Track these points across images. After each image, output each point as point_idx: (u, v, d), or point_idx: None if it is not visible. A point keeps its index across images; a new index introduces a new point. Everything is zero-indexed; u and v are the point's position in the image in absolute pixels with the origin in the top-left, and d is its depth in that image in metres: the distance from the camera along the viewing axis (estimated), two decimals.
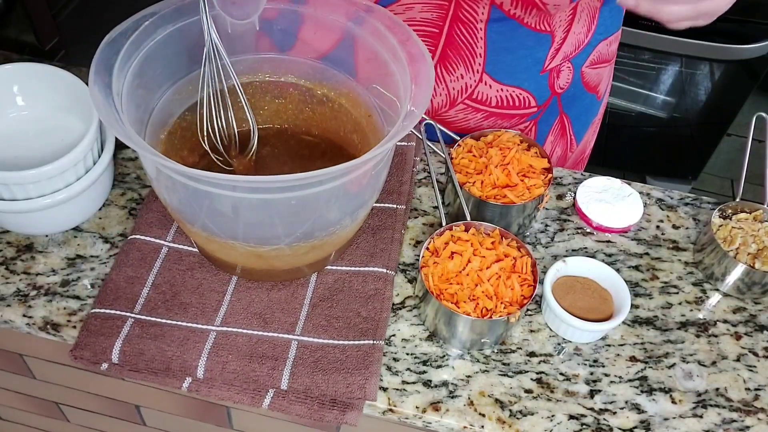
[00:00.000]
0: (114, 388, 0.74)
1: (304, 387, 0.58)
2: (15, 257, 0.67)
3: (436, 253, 0.63)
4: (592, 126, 0.91)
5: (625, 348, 0.64)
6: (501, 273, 0.61)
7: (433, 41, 0.73)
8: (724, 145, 1.83)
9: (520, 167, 0.70)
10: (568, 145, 0.88)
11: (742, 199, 0.71)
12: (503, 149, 0.71)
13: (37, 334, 0.63)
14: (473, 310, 0.59)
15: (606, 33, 0.79)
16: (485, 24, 0.71)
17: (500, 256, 0.63)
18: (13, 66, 0.69)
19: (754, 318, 0.67)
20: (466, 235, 0.64)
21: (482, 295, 0.60)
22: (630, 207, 0.73)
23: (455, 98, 0.78)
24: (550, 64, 0.76)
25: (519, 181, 0.68)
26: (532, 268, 0.62)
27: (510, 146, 0.71)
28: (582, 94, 0.84)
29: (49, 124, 0.71)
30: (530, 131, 0.83)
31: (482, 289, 0.60)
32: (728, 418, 0.60)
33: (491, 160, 0.70)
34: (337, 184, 0.52)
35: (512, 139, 0.72)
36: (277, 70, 0.69)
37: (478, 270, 0.61)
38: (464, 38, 0.72)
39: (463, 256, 0.62)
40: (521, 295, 0.61)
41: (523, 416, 0.59)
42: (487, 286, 0.60)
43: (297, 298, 0.64)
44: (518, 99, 0.78)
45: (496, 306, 0.60)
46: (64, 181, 0.64)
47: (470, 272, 0.61)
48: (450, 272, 0.61)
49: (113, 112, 0.53)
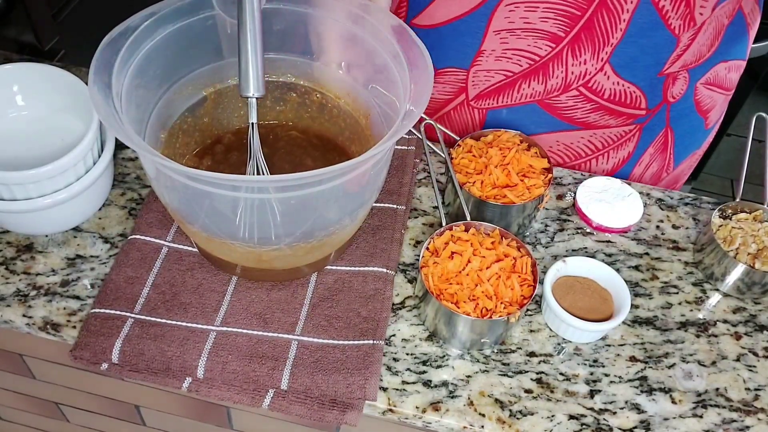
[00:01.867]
0: (114, 388, 0.74)
1: (304, 387, 0.58)
2: (15, 257, 0.67)
3: (436, 253, 0.63)
4: (692, 156, 0.88)
5: (625, 348, 0.64)
6: (501, 273, 0.61)
7: (571, 22, 0.70)
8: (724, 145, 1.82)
9: (519, 167, 0.70)
10: (666, 164, 0.86)
11: (742, 199, 0.71)
12: (503, 149, 0.71)
13: (37, 334, 0.63)
14: (473, 310, 0.59)
15: (727, 55, 0.78)
16: (631, 14, 0.69)
17: (500, 256, 0.63)
18: (13, 66, 0.69)
19: (754, 318, 0.67)
20: (466, 235, 0.64)
21: (482, 295, 0.60)
22: (630, 207, 0.73)
23: (570, 83, 0.75)
24: (669, 68, 0.74)
25: (519, 181, 0.68)
26: (532, 268, 0.62)
27: (510, 146, 0.71)
28: (691, 113, 0.81)
29: (49, 124, 0.71)
30: (634, 136, 0.81)
31: (482, 289, 0.60)
32: (728, 418, 0.60)
33: (491, 160, 0.70)
34: (336, 184, 0.52)
35: (512, 139, 0.72)
36: (276, 69, 0.69)
37: (477, 270, 0.61)
38: (604, 25, 0.70)
39: (463, 256, 0.62)
40: (521, 295, 0.60)
41: (523, 416, 0.59)
42: (486, 287, 0.60)
43: (297, 298, 0.64)
44: (631, 96, 0.76)
45: (496, 306, 0.59)
46: (64, 181, 0.64)
47: (470, 272, 0.61)
48: (450, 272, 0.61)
49: (113, 112, 0.53)
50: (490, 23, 0.71)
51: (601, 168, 0.84)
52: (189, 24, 0.62)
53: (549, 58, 0.73)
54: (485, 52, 0.75)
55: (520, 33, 0.72)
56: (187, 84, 0.65)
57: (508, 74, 0.76)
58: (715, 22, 0.72)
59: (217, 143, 0.69)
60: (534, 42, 0.72)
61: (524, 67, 0.75)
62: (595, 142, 0.81)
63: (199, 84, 0.67)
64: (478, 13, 0.71)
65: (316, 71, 0.69)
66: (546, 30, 0.71)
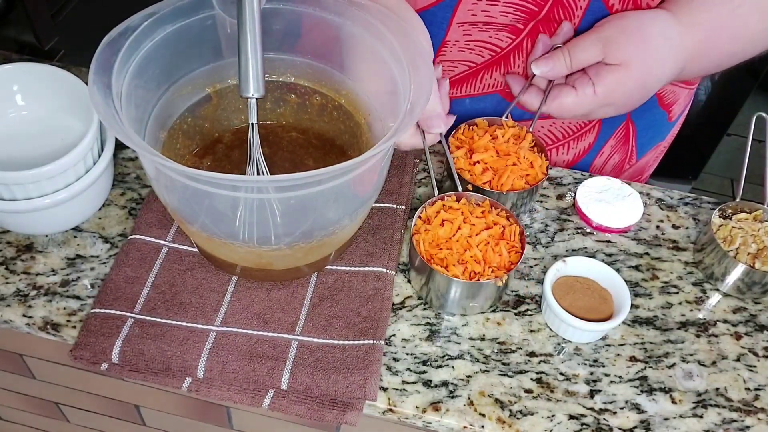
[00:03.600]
0: (114, 388, 0.74)
1: (304, 387, 0.58)
2: (15, 257, 0.67)
3: (428, 221, 0.65)
4: (656, 149, 0.90)
5: (625, 348, 0.64)
6: (489, 239, 0.63)
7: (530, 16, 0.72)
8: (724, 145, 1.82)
9: (516, 156, 0.71)
10: (628, 156, 0.87)
11: (742, 199, 0.70)
12: (498, 138, 0.72)
13: (37, 334, 0.63)
14: (462, 273, 0.61)
15: None
16: (583, 11, 0.71)
17: (489, 224, 0.64)
18: (13, 66, 0.69)
19: (754, 318, 0.67)
20: (457, 204, 0.66)
21: (471, 259, 0.62)
22: (630, 207, 0.73)
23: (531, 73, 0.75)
24: None
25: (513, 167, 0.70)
26: (521, 236, 0.64)
27: (506, 135, 0.73)
28: (653, 107, 0.82)
29: (49, 124, 0.71)
30: (594, 128, 0.82)
31: (471, 254, 0.62)
32: (728, 418, 0.60)
33: (485, 149, 0.71)
34: (336, 184, 0.52)
35: (511, 129, 0.73)
36: (276, 69, 0.69)
37: (467, 236, 0.63)
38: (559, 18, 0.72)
39: (454, 223, 0.64)
40: (509, 261, 0.62)
41: (523, 416, 0.59)
42: (475, 251, 0.62)
43: (297, 298, 0.64)
44: None
45: (484, 270, 0.61)
46: (64, 181, 0.64)
47: (460, 238, 0.63)
48: (440, 238, 0.63)
49: (113, 112, 0.53)
50: (454, 15, 0.74)
51: (561, 159, 0.86)
52: (189, 24, 0.62)
53: (509, 49, 0.76)
54: (449, 44, 0.77)
55: (481, 26, 0.74)
56: (187, 84, 0.65)
57: (471, 65, 0.79)
58: None
59: (218, 143, 0.69)
60: (495, 34, 0.74)
61: (486, 58, 0.77)
62: (555, 132, 0.83)
63: (199, 84, 0.66)
64: (444, 5, 0.73)
65: (316, 71, 0.69)
66: (505, 23, 0.73)
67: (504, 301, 0.66)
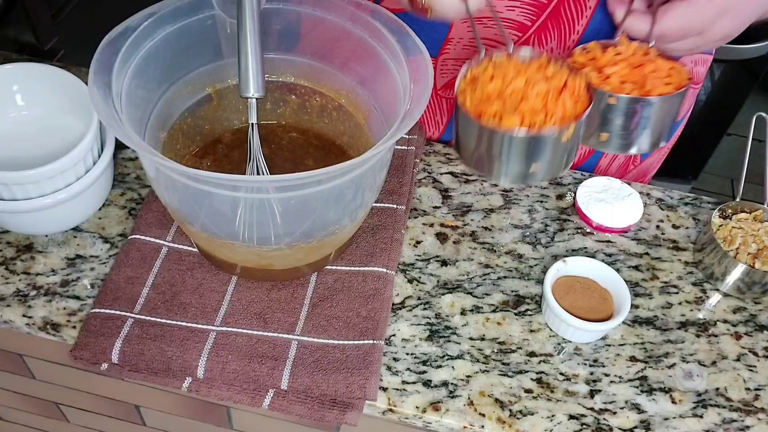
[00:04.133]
0: (114, 388, 0.74)
1: (304, 387, 0.58)
2: (15, 257, 0.67)
3: (473, 82, 0.56)
4: (661, 149, 0.89)
5: (625, 348, 0.64)
6: (550, 89, 0.53)
7: (537, 11, 0.71)
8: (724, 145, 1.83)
9: (653, 64, 0.59)
10: (633, 157, 0.86)
11: (742, 199, 0.71)
12: (623, 53, 0.60)
13: (37, 334, 0.63)
14: (519, 124, 0.51)
15: None
16: (596, 2, 0.69)
17: (548, 77, 0.55)
18: (13, 66, 0.69)
19: (754, 318, 0.67)
20: (509, 60, 0.56)
21: (529, 111, 0.52)
22: (630, 207, 0.73)
23: None
24: None
25: (653, 74, 0.59)
26: (587, 89, 0.55)
27: (631, 49, 0.60)
28: None
29: (49, 124, 0.71)
30: None
31: (528, 105, 0.52)
32: (728, 418, 0.60)
33: (615, 62, 0.59)
34: (336, 184, 0.52)
35: (634, 44, 0.60)
36: (276, 69, 0.69)
37: (522, 89, 0.53)
38: (570, 12, 0.71)
39: (507, 76, 0.54)
40: (574, 115, 0.53)
41: (523, 416, 0.59)
42: (534, 102, 0.52)
43: (297, 298, 0.64)
44: None
45: (545, 121, 0.52)
46: (64, 181, 0.64)
47: (514, 91, 0.53)
48: (491, 93, 0.53)
49: (113, 112, 0.53)
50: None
51: None
52: (189, 24, 0.62)
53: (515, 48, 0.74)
54: (453, 41, 0.75)
55: (486, 21, 0.72)
56: (187, 84, 0.65)
57: None
58: None
59: (218, 143, 0.69)
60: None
61: None
62: None
63: (199, 84, 0.66)
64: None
65: (316, 71, 0.69)
66: (512, 19, 0.71)
67: (504, 301, 0.66)
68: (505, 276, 0.68)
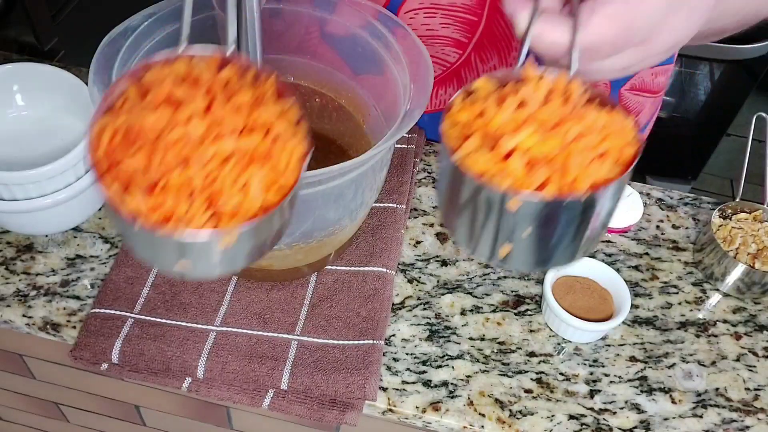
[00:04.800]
0: (114, 388, 0.74)
1: (304, 387, 0.58)
2: (15, 257, 0.67)
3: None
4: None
5: (625, 348, 0.64)
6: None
7: (471, 28, 0.70)
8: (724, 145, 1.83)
9: (578, 120, 0.37)
10: None
11: (742, 199, 0.71)
12: (530, 102, 0.37)
13: (37, 334, 0.63)
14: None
15: None
16: None
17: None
18: (13, 66, 0.69)
19: (754, 318, 0.67)
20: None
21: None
22: (630, 207, 0.73)
23: None
24: None
25: (581, 142, 0.36)
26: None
27: (540, 92, 0.38)
28: None
29: (49, 124, 0.71)
30: None
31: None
32: (728, 418, 0.60)
33: (517, 125, 0.37)
34: (336, 184, 0.52)
35: (545, 81, 0.39)
36: (276, 69, 0.69)
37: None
38: (503, 30, 0.70)
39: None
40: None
41: (523, 416, 0.59)
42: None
43: (297, 298, 0.64)
44: None
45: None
46: (64, 181, 0.64)
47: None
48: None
49: None
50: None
51: None
52: None
53: (459, 65, 0.73)
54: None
55: (425, 40, 0.71)
56: None
57: None
58: None
59: None
60: (441, 49, 0.72)
61: (438, 73, 0.75)
62: None
63: None
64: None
65: (316, 72, 0.69)
66: (449, 36, 0.71)
67: (504, 301, 0.66)
68: (505, 276, 0.68)
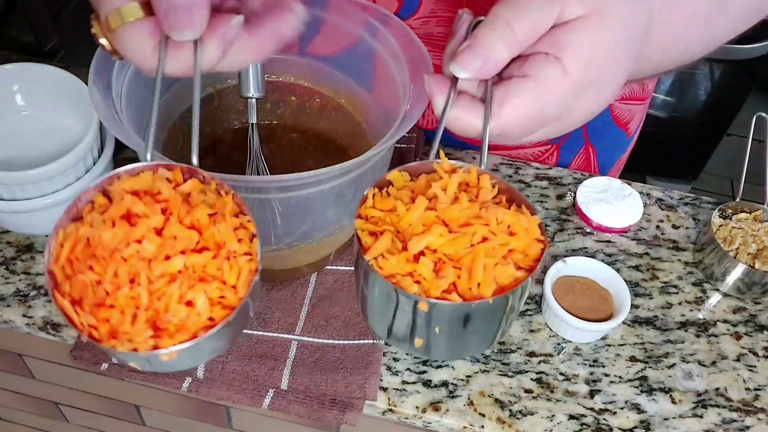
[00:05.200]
0: (114, 388, 0.74)
1: (303, 387, 0.58)
2: (15, 257, 0.67)
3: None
4: (618, 162, 0.88)
5: (625, 348, 0.64)
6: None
7: None
8: (724, 145, 1.83)
9: (484, 222, 0.38)
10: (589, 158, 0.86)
11: (742, 199, 0.71)
12: (440, 198, 0.39)
13: (37, 334, 0.63)
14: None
15: None
16: None
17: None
18: (13, 66, 0.69)
19: (754, 318, 0.67)
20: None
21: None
22: (630, 207, 0.73)
23: None
24: None
25: (485, 245, 0.38)
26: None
27: (450, 189, 0.40)
28: (611, 128, 0.80)
29: (49, 124, 0.71)
30: (552, 155, 0.81)
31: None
32: (728, 418, 0.60)
33: (426, 225, 0.38)
34: (336, 184, 0.52)
35: (457, 176, 0.41)
36: (276, 70, 0.69)
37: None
38: None
39: None
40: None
41: (523, 416, 0.59)
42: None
43: (297, 298, 0.64)
44: None
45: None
46: (64, 181, 0.63)
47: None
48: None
49: (113, 112, 0.53)
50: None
51: None
52: None
53: None
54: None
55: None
56: (187, 84, 0.65)
57: None
58: None
59: (218, 143, 0.69)
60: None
61: None
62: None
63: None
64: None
65: (316, 72, 0.69)
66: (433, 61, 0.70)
67: None
68: None
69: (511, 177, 0.77)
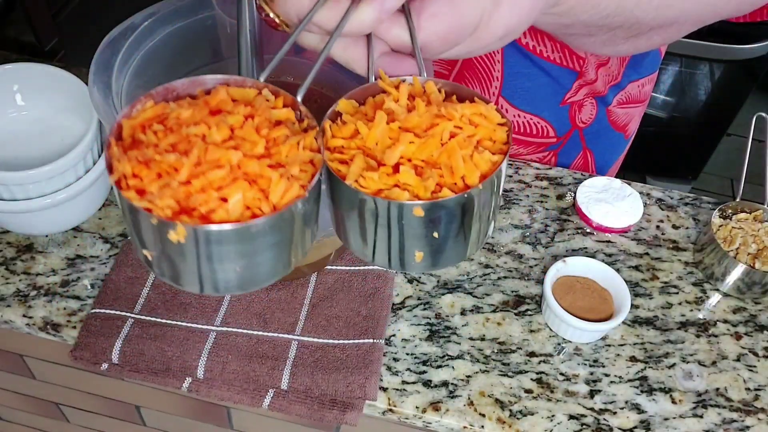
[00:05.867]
0: (114, 389, 0.74)
1: (304, 387, 0.58)
2: (15, 257, 0.67)
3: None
4: (616, 163, 0.89)
5: (625, 348, 0.64)
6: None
7: (450, 61, 0.71)
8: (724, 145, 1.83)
9: (447, 115, 0.38)
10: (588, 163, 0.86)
11: (742, 199, 0.71)
12: (395, 111, 0.40)
13: (37, 334, 0.63)
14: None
15: (638, 75, 0.76)
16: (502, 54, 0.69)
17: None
18: (13, 66, 0.69)
19: (754, 318, 0.67)
20: None
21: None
22: (630, 207, 0.73)
23: None
24: (571, 98, 0.73)
25: (456, 135, 0.38)
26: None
27: (402, 99, 0.41)
28: (608, 132, 0.81)
29: (49, 124, 0.71)
30: (549, 161, 0.81)
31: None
32: (728, 418, 0.60)
33: (394, 136, 0.38)
34: None
35: (404, 86, 0.41)
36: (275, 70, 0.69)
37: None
38: (481, 60, 0.70)
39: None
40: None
41: (523, 416, 0.59)
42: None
43: (297, 298, 0.64)
44: (536, 127, 0.75)
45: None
46: (64, 181, 0.64)
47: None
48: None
49: (113, 112, 0.53)
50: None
51: None
52: (189, 24, 0.62)
53: None
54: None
55: None
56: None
57: None
58: None
59: None
60: None
61: None
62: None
63: None
64: None
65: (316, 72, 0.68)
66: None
67: (504, 301, 0.66)
68: (505, 276, 0.68)
69: (511, 177, 0.77)
